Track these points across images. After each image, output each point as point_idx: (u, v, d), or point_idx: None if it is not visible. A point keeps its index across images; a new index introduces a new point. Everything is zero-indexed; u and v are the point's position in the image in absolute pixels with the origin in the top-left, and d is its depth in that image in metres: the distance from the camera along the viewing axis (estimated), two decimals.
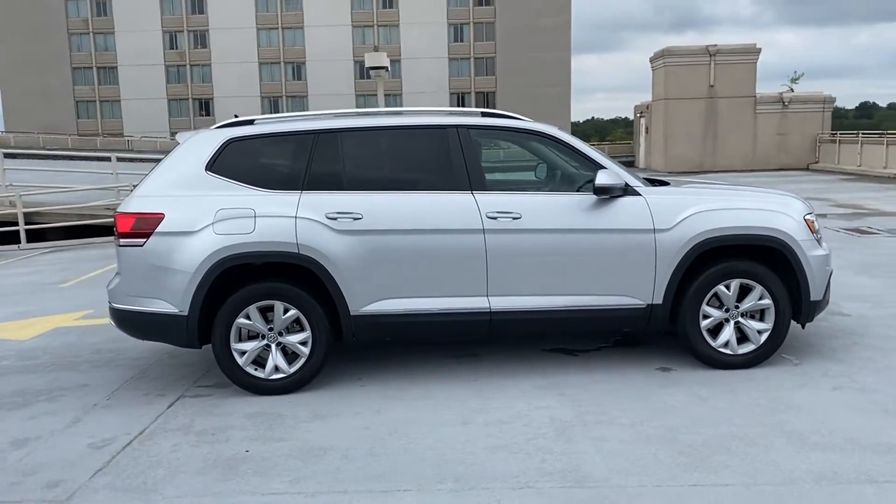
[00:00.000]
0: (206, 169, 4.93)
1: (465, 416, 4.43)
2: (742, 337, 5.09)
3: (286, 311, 4.84)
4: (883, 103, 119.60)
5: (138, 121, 73.65)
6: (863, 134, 25.64)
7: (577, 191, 5.09)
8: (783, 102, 28.51)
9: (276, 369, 4.89)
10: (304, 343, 4.88)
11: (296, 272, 4.88)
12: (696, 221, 4.94)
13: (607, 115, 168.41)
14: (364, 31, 74.52)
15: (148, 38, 74.64)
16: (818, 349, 5.44)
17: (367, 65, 13.93)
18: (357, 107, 74.65)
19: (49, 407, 4.89)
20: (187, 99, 77.43)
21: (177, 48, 77.39)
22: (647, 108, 31.40)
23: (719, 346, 5.06)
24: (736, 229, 4.96)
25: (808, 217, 5.15)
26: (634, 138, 35.05)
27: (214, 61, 76.18)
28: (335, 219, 4.81)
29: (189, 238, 4.78)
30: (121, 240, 4.86)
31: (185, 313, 4.79)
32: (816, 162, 27.96)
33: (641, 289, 4.97)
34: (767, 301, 5.02)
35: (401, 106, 73.63)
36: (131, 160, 22.84)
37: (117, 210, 4.97)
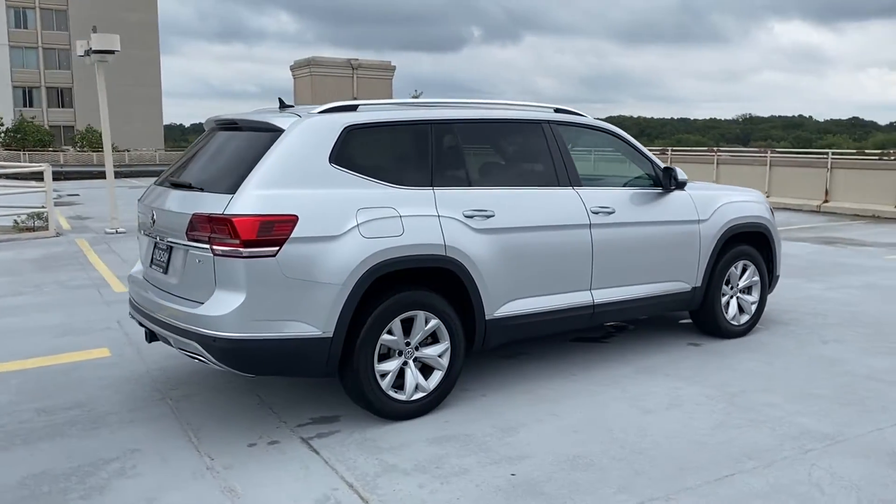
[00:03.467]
0: (329, 161, 4.10)
1: (636, 406, 4.52)
2: (739, 310, 6.03)
3: (427, 321, 4.30)
4: None
5: None
6: None
7: (625, 185, 5.48)
8: None
9: (416, 388, 4.32)
10: (441, 355, 4.39)
11: (428, 277, 4.37)
12: (723, 212, 5.72)
13: (187, 121, 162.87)
14: None
15: None
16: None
17: (93, 48, 11.45)
18: None
19: (142, 483, 3.57)
20: None
21: None
22: None
23: (731, 319, 5.93)
24: (746, 218, 5.88)
25: (770, 207, 6.32)
26: None
27: None
28: (472, 217, 4.44)
29: (333, 244, 3.95)
30: (244, 249, 3.77)
31: (330, 335, 3.95)
32: None
33: (691, 273, 5.57)
34: (757, 278, 6.04)
35: None
36: None
37: (225, 212, 3.81)
